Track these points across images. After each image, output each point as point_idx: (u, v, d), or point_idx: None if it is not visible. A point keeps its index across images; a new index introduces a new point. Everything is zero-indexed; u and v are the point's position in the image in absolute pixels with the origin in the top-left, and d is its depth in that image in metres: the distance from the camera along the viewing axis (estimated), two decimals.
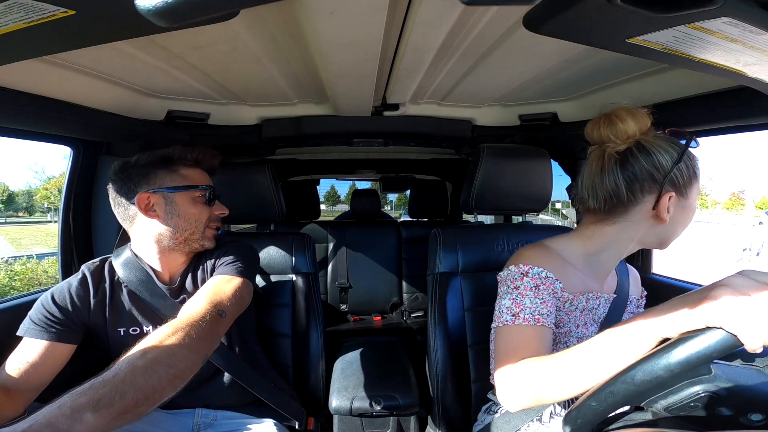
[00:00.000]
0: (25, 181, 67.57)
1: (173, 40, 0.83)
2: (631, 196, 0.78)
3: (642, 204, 0.78)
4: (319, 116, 1.45)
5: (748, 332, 0.44)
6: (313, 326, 1.23)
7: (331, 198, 21.03)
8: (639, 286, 0.98)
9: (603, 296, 0.87)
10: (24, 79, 0.86)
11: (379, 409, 1.12)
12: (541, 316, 0.75)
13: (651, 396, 0.51)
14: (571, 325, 0.84)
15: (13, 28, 0.43)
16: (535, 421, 0.85)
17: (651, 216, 0.78)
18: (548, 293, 0.78)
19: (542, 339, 0.74)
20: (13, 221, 36.64)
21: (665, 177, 0.75)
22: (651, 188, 0.77)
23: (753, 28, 0.43)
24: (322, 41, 0.82)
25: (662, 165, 0.75)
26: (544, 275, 0.79)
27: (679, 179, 0.76)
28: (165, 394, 0.61)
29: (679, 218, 0.79)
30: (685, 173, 0.76)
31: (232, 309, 0.83)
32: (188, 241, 0.95)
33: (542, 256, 0.82)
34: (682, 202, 0.77)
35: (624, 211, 0.80)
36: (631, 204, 0.79)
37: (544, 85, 1.18)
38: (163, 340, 0.65)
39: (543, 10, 0.46)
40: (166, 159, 0.96)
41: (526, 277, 0.80)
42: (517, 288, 0.79)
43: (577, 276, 0.84)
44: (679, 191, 0.76)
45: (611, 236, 0.83)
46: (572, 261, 0.84)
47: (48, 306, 0.86)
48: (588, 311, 0.85)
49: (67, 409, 0.51)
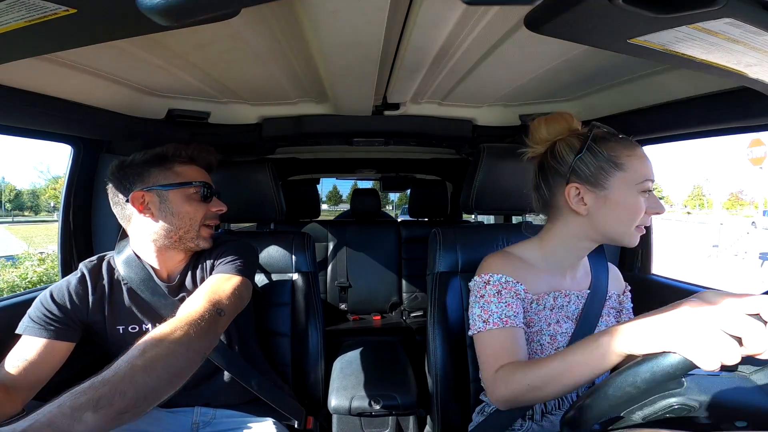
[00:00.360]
0: (29, 180, 67.99)
1: (174, 39, 0.83)
2: (549, 193, 0.85)
3: (560, 199, 0.83)
4: (320, 115, 1.45)
5: (700, 356, 0.46)
6: (312, 325, 1.23)
7: (334, 198, 21.05)
8: (621, 282, 1.00)
9: (573, 293, 0.89)
10: (25, 78, 0.86)
11: (378, 409, 1.12)
12: (508, 318, 0.81)
13: (625, 408, 0.54)
14: (542, 323, 0.87)
15: (15, 26, 0.43)
16: (528, 420, 0.86)
17: (572, 210, 0.82)
18: (511, 296, 0.83)
19: (515, 338, 0.80)
20: (20, 220, 37.01)
21: (569, 170, 0.80)
22: (560, 183, 0.82)
23: (754, 28, 0.43)
24: (323, 40, 0.82)
25: (565, 159, 0.81)
26: (504, 280, 0.84)
27: (584, 170, 0.79)
28: (164, 393, 0.61)
29: (604, 210, 0.79)
30: (592, 164, 0.78)
31: (231, 308, 0.83)
32: (183, 239, 0.95)
33: (501, 263, 0.88)
34: (599, 193, 0.78)
35: (554, 209, 0.86)
36: (553, 200, 0.85)
37: (544, 85, 1.18)
38: (162, 338, 0.65)
39: (544, 11, 0.46)
40: (161, 157, 0.95)
41: (488, 285, 0.85)
42: (483, 296, 0.85)
43: (540, 277, 0.88)
44: (588, 182, 0.79)
45: (557, 234, 0.87)
46: (534, 263, 0.89)
47: (47, 304, 0.86)
48: (558, 309, 0.88)
49: (67, 408, 0.51)
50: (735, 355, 0.45)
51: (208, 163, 1.03)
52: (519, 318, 0.82)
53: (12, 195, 45.50)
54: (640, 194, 0.77)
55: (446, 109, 1.44)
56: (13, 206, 44.71)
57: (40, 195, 45.68)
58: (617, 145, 0.79)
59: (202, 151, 1.01)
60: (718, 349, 0.45)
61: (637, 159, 0.78)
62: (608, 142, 0.79)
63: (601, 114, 1.28)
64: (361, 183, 4.01)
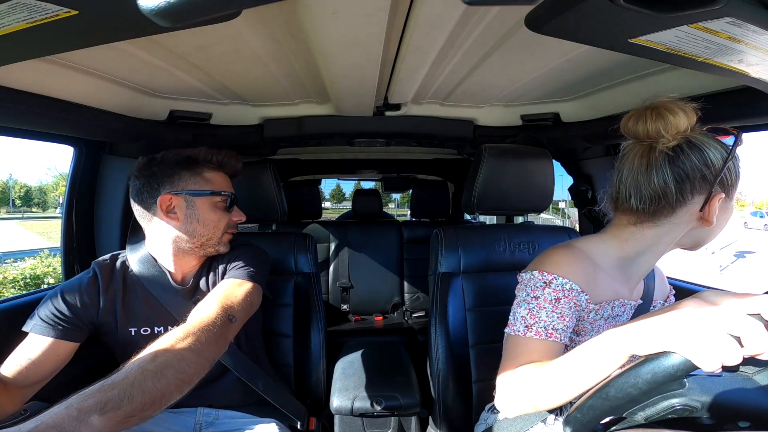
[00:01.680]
0: (37, 177, 68.82)
1: (176, 41, 0.84)
2: (680, 196, 0.72)
3: (690, 205, 0.73)
4: (321, 116, 1.45)
5: (700, 356, 0.45)
6: (314, 326, 1.24)
7: (337, 196, 21.06)
8: (666, 286, 0.93)
9: (629, 303, 0.82)
10: (27, 79, 0.86)
11: (380, 409, 1.12)
12: (555, 331, 0.72)
13: (628, 409, 0.53)
14: (593, 333, 0.80)
15: (17, 28, 0.43)
16: (540, 423, 0.84)
17: (697, 218, 0.73)
18: (569, 307, 0.74)
19: (550, 353, 0.71)
20: (29, 216, 37.45)
21: (717, 176, 0.70)
22: (701, 188, 0.71)
23: (756, 28, 0.43)
24: (324, 41, 0.82)
25: (713, 163, 0.70)
26: (569, 287, 0.74)
27: (728, 179, 0.72)
28: (171, 398, 0.61)
29: (721, 219, 0.74)
30: (733, 173, 0.72)
31: (242, 314, 0.83)
32: (204, 246, 0.95)
33: (571, 263, 0.77)
34: (726, 203, 0.73)
35: (670, 212, 0.74)
36: (678, 205, 0.73)
37: (546, 85, 1.18)
38: (174, 344, 0.65)
39: (545, 10, 0.46)
40: (192, 160, 0.94)
41: (548, 288, 0.75)
42: (536, 298, 0.75)
43: (608, 282, 0.79)
44: (727, 192, 0.72)
45: (652, 239, 0.77)
46: (604, 265, 0.79)
47: (57, 303, 0.86)
48: (612, 319, 0.81)
49: (75, 410, 0.51)
50: (736, 355, 0.44)
51: (234, 171, 1.03)
52: (567, 332, 0.73)
53: (22, 192, 46.05)
54: None
55: (447, 109, 1.44)
56: (22, 203, 45.29)
57: (51, 191, 46.28)
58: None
59: (231, 158, 1.00)
60: (719, 349, 0.45)
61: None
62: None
63: (602, 114, 1.28)
64: (364, 183, 4.01)
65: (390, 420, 1.23)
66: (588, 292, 0.75)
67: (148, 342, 0.65)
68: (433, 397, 1.11)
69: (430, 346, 1.12)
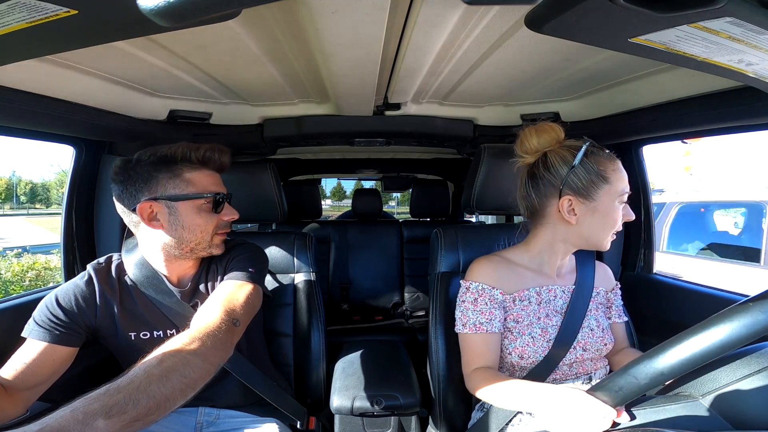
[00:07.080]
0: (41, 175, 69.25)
1: (175, 40, 0.84)
2: (539, 202, 0.91)
3: (550, 208, 0.90)
4: (321, 116, 1.45)
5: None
6: (314, 326, 1.24)
7: (338, 193, 21.06)
8: (611, 280, 1.06)
9: (557, 287, 0.95)
10: (26, 79, 0.86)
11: (380, 409, 1.12)
12: (481, 325, 0.91)
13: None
14: (531, 318, 0.93)
15: (16, 27, 0.43)
16: (526, 414, 0.86)
17: (561, 219, 0.89)
18: (485, 303, 0.92)
19: (486, 343, 0.91)
20: (34, 212, 37.77)
21: (562, 182, 0.86)
22: (552, 194, 0.88)
23: (756, 27, 0.43)
24: (324, 41, 0.82)
25: (558, 172, 0.87)
26: (480, 288, 0.93)
27: (576, 183, 0.85)
28: (176, 403, 0.60)
29: (591, 220, 0.87)
30: (583, 177, 0.85)
31: (245, 317, 0.82)
32: (194, 250, 0.92)
33: (483, 269, 0.95)
34: (588, 204, 0.86)
35: (542, 216, 0.93)
36: (543, 209, 0.91)
37: (545, 84, 1.18)
38: (181, 348, 0.64)
39: (545, 10, 0.46)
40: (168, 160, 0.88)
41: (468, 292, 0.94)
42: (463, 302, 0.95)
43: (525, 274, 0.95)
44: (579, 194, 0.85)
45: (542, 239, 0.95)
46: (520, 263, 0.97)
47: (52, 308, 0.84)
48: (545, 303, 0.94)
49: (80, 414, 0.51)
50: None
51: (220, 165, 0.95)
52: (493, 323, 0.91)
53: (27, 188, 46.27)
54: (619, 204, 0.86)
55: (447, 109, 1.44)
56: (27, 199, 45.57)
57: (56, 188, 46.76)
58: (604, 159, 0.86)
59: (214, 152, 0.92)
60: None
61: (619, 172, 0.86)
62: (596, 156, 0.86)
63: (602, 113, 1.28)
64: (364, 182, 4.02)
65: (390, 419, 1.23)
66: (500, 287, 0.93)
67: (148, 346, 0.65)
68: (433, 396, 1.11)
69: (430, 345, 1.12)
